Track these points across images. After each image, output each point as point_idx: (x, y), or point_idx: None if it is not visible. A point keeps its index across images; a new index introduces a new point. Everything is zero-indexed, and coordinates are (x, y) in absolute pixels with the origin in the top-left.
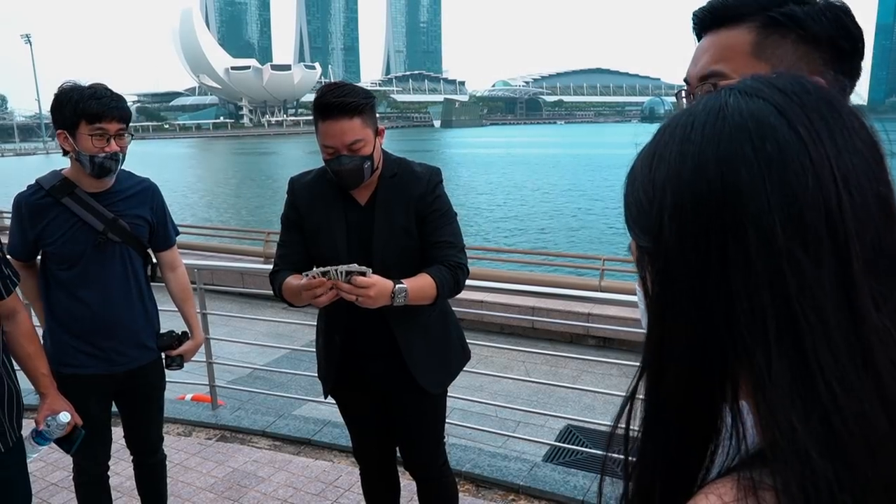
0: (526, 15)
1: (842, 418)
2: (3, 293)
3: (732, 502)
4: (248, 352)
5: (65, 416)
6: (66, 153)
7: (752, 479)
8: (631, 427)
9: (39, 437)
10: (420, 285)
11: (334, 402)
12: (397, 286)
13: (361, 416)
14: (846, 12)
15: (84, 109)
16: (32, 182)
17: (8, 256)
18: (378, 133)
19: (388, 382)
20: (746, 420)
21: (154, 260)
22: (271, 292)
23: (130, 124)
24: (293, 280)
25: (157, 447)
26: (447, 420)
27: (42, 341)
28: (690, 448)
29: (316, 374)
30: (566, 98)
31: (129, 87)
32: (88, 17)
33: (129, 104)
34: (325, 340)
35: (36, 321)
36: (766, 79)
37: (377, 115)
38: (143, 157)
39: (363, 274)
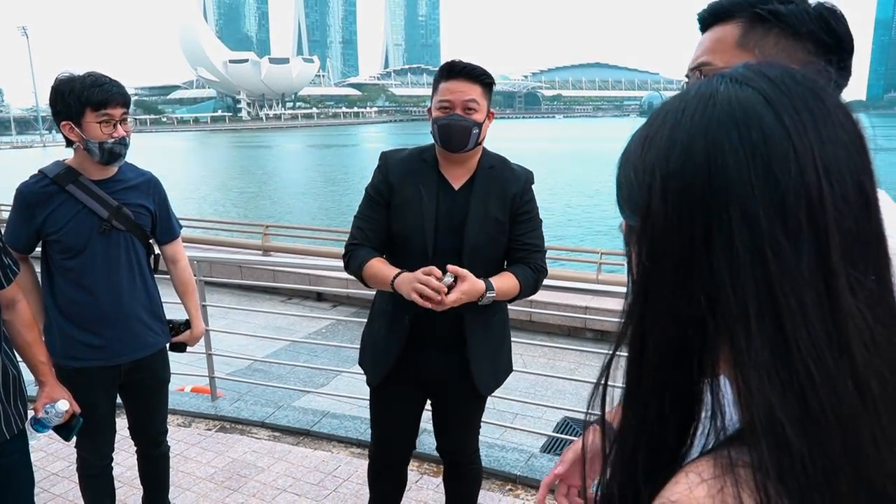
0: (525, 9)
1: (817, 397)
2: (3, 282)
3: (710, 479)
4: (246, 344)
5: (63, 404)
6: (69, 144)
7: (729, 457)
8: (596, 413)
9: (38, 424)
10: (507, 288)
11: (333, 393)
12: (488, 293)
13: (401, 413)
14: (832, 11)
15: (89, 97)
16: (35, 172)
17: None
18: (489, 115)
19: (444, 374)
20: (727, 395)
21: (157, 250)
22: (270, 284)
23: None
24: (384, 267)
25: (161, 440)
26: None
27: (44, 334)
28: (670, 424)
29: (314, 366)
30: (565, 92)
31: (126, 79)
32: (85, 8)
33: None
34: (390, 323)
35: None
36: (757, 67)
37: (376, 108)
38: (140, 150)
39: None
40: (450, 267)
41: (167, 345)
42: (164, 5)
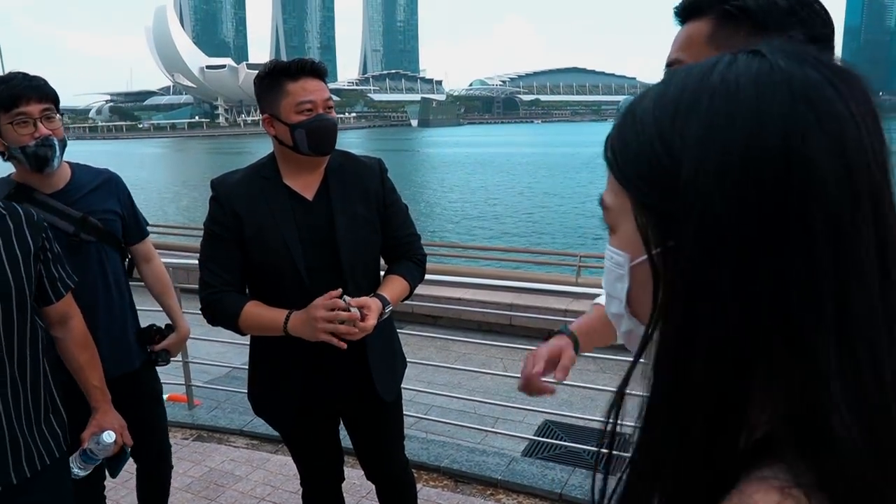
0: (502, 14)
1: (883, 413)
2: (51, 297)
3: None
4: (224, 351)
5: (108, 436)
6: (4, 157)
7: (795, 478)
8: (603, 419)
9: (84, 456)
10: (399, 295)
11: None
12: (387, 309)
13: (318, 445)
14: (806, 4)
15: None
16: None
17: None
18: None
19: (350, 398)
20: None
21: (128, 255)
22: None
23: (102, 123)
24: (264, 311)
25: (166, 455)
26: (426, 417)
27: None
28: (719, 442)
29: None
30: (543, 97)
31: (102, 86)
32: (58, 12)
33: (99, 102)
34: (283, 364)
35: None
36: (804, 47)
37: (355, 113)
38: (116, 157)
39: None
40: (350, 300)
41: (149, 356)
42: (141, 10)
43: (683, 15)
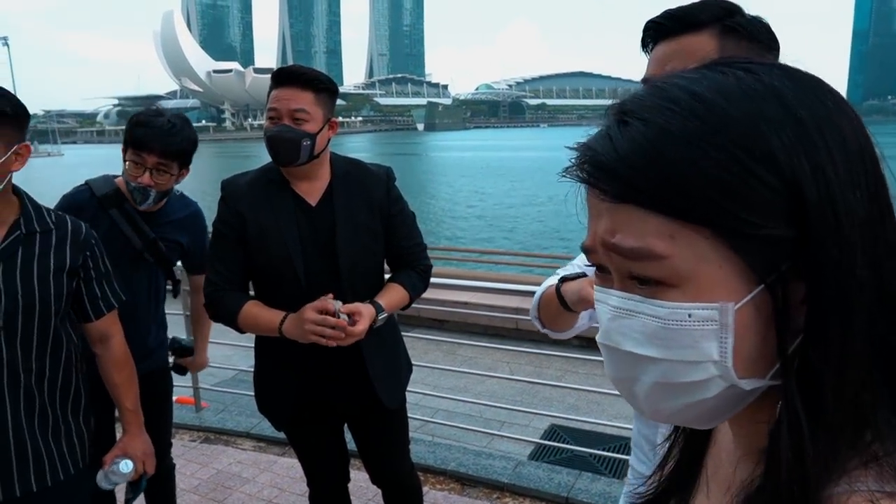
0: (508, 19)
1: None
2: (91, 315)
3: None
4: (231, 355)
5: (125, 466)
6: None
7: None
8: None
9: (104, 479)
10: (396, 302)
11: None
12: (380, 316)
13: (321, 445)
14: (766, 23)
15: (129, 134)
16: (81, 183)
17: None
18: (330, 125)
19: (351, 404)
20: None
21: (178, 278)
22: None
23: (109, 127)
24: (263, 311)
25: (166, 453)
26: (432, 420)
27: None
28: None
29: None
30: (549, 101)
31: (110, 90)
32: (70, 17)
33: (107, 106)
34: (281, 362)
35: None
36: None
37: (361, 117)
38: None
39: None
40: (341, 307)
41: (169, 364)
42: (149, 15)
43: (674, 28)
